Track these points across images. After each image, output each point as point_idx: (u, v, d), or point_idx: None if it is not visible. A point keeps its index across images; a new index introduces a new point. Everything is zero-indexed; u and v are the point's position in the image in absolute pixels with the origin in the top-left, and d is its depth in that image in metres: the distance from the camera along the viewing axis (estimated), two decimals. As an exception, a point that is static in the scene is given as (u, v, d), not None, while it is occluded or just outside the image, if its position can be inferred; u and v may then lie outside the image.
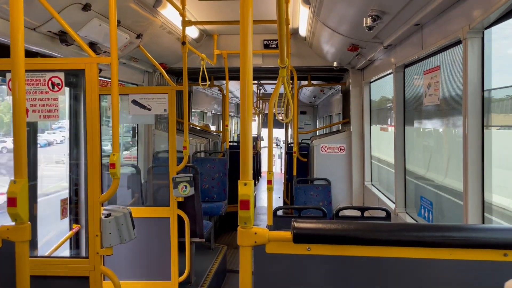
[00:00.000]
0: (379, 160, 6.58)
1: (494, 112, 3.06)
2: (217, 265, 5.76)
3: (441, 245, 1.70)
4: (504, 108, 3.18)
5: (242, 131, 1.79)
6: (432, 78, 3.76)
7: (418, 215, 4.39)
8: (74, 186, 4.77)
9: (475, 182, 2.96)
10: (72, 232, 4.54)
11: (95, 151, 3.05)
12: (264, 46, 7.09)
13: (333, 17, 4.49)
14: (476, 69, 2.93)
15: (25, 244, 2.11)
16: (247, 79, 1.75)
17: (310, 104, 17.71)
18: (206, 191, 7.34)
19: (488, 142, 2.94)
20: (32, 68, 3.07)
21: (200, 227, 5.02)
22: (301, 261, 1.79)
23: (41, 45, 3.77)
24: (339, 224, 1.78)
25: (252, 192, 1.78)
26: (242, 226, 1.79)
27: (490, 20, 2.74)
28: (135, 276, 4.53)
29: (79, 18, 3.72)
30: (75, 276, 3.06)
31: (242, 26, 1.73)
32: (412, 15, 3.61)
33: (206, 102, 12.79)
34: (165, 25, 5.28)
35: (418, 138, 4.76)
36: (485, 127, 2.94)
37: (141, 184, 6.08)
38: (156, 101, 4.42)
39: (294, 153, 7.30)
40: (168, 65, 6.95)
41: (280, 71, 3.43)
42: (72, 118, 4.83)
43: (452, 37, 3.19)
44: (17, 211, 2.05)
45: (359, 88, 6.96)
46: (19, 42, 2.06)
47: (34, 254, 4.01)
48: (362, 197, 6.93)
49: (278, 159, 17.93)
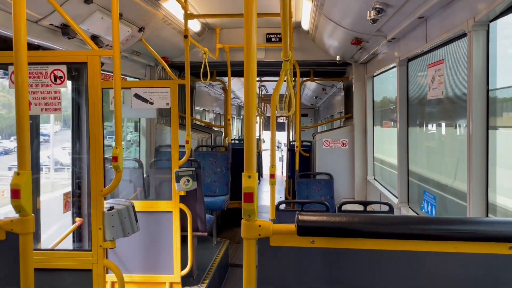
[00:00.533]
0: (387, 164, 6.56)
1: (500, 114, 3.02)
2: (219, 259, 5.77)
3: (445, 238, 1.69)
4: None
5: (246, 124, 1.78)
6: (436, 71, 3.74)
7: (421, 210, 4.38)
8: (76, 179, 4.77)
9: (479, 181, 2.94)
10: (75, 226, 4.56)
11: (98, 145, 3.05)
12: (267, 39, 7.06)
13: (336, 10, 4.47)
14: (481, 62, 2.91)
15: (28, 236, 2.11)
16: (251, 74, 1.74)
17: (311, 106, 17.66)
18: (208, 185, 7.34)
19: (493, 139, 2.91)
20: (34, 61, 3.06)
21: (202, 221, 5.03)
22: (305, 254, 1.78)
23: (43, 38, 3.76)
24: (343, 217, 1.77)
25: (256, 184, 1.77)
26: (246, 218, 1.79)
27: (495, 12, 2.71)
28: (137, 270, 4.54)
29: (81, 11, 3.71)
30: (78, 269, 3.07)
31: (246, 20, 1.72)
32: (416, 7, 3.58)
33: (208, 102, 12.76)
34: (167, 18, 5.26)
35: (421, 134, 4.74)
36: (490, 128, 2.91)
37: (144, 178, 6.08)
38: (158, 95, 4.40)
39: (296, 147, 7.29)
40: (170, 59, 6.93)
41: (283, 64, 3.41)
42: (74, 112, 4.83)
43: (456, 30, 3.17)
44: (21, 203, 2.05)
45: (362, 82, 6.94)
46: (21, 35, 2.05)
47: (38, 247, 4.03)
48: (364, 191, 6.92)
49: (279, 162, 17.85)
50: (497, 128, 2.93)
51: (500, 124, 2.96)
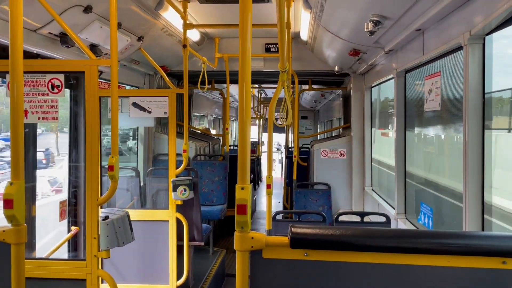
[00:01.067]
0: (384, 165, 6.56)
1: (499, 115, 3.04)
2: (215, 269, 5.74)
3: (439, 252, 1.68)
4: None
5: (241, 135, 1.78)
6: (433, 83, 3.76)
7: (418, 221, 4.37)
8: (73, 188, 4.76)
9: (475, 186, 2.94)
10: (70, 234, 4.54)
11: (94, 153, 3.04)
12: (266, 50, 7.09)
13: (334, 21, 4.49)
14: (477, 75, 2.93)
15: (20, 246, 2.10)
16: (245, 84, 1.74)
17: (311, 109, 17.72)
18: (205, 194, 7.32)
19: (489, 148, 2.92)
20: (32, 70, 3.07)
21: (199, 231, 5.01)
22: (299, 267, 1.77)
23: (41, 46, 3.78)
24: (337, 230, 1.76)
25: (249, 196, 1.76)
26: (239, 230, 1.78)
27: (491, 26, 2.73)
28: (133, 279, 4.51)
29: (80, 20, 3.73)
30: (72, 278, 3.05)
31: (241, 30, 1.73)
32: (413, 20, 3.61)
33: (207, 106, 12.79)
34: (166, 27, 5.28)
35: (418, 144, 4.74)
36: (486, 128, 2.92)
37: (140, 186, 6.07)
38: (156, 104, 4.41)
39: (294, 157, 7.29)
40: (169, 68, 6.96)
41: (281, 75, 3.43)
42: (72, 120, 4.83)
43: (453, 43, 3.19)
44: (14, 213, 2.05)
45: (360, 93, 6.96)
46: (18, 43, 2.06)
47: (32, 256, 4.00)
48: (362, 202, 6.91)
49: (279, 164, 17.90)
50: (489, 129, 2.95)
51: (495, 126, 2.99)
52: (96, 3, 3.65)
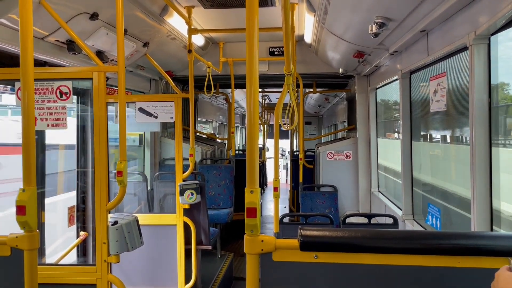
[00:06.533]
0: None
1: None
2: (223, 272, 5.74)
3: (449, 253, 1.68)
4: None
5: (249, 138, 1.80)
6: (439, 84, 3.76)
7: (426, 222, 4.36)
8: (81, 194, 4.79)
9: (483, 191, 2.93)
10: (79, 240, 4.56)
11: (102, 159, 3.07)
12: (270, 53, 7.11)
13: (338, 24, 4.51)
14: (482, 75, 2.92)
15: (33, 252, 2.12)
16: (253, 87, 1.76)
17: (315, 114, 17.70)
18: (212, 198, 7.34)
19: (496, 150, 2.91)
20: (40, 77, 3.11)
21: (206, 234, 5.02)
22: (308, 269, 1.78)
23: (49, 54, 3.82)
24: (346, 232, 1.77)
25: (258, 199, 1.78)
26: (249, 234, 1.79)
27: (496, 26, 2.73)
28: (142, 284, 4.53)
29: (86, 27, 3.77)
30: (82, 283, 3.07)
31: (248, 34, 1.74)
32: (418, 21, 3.61)
33: (211, 112, 12.81)
34: (171, 33, 5.32)
35: (424, 146, 4.74)
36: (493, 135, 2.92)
37: (148, 191, 6.10)
38: (162, 109, 4.44)
39: (300, 159, 7.29)
40: (174, 73, 7.00)
41: (286, 78, 3.44)
42: (79, 126, 4.87)
43: (458, 44, 3.19)
44: (26, 219, 2.07)
45: (365, 95, 6.96)
46: (28, 52, 2.08)
47: (42, 262, 4.03)
48: (369, 203, 6.89)
49: (283, 170, 17.84)
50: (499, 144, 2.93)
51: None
52: (102, 10, 3.69)
